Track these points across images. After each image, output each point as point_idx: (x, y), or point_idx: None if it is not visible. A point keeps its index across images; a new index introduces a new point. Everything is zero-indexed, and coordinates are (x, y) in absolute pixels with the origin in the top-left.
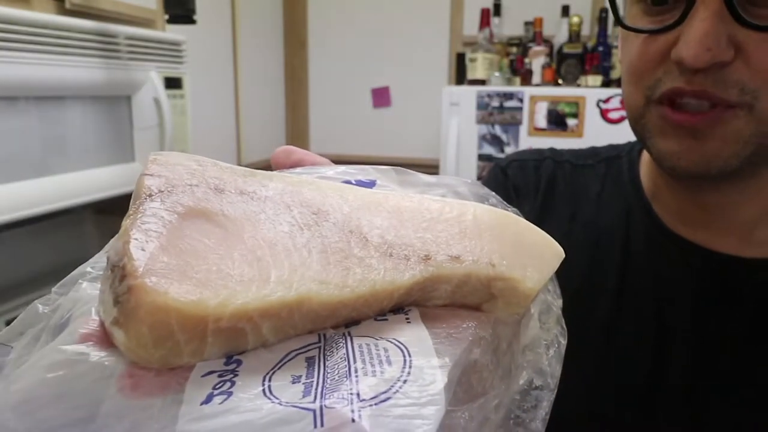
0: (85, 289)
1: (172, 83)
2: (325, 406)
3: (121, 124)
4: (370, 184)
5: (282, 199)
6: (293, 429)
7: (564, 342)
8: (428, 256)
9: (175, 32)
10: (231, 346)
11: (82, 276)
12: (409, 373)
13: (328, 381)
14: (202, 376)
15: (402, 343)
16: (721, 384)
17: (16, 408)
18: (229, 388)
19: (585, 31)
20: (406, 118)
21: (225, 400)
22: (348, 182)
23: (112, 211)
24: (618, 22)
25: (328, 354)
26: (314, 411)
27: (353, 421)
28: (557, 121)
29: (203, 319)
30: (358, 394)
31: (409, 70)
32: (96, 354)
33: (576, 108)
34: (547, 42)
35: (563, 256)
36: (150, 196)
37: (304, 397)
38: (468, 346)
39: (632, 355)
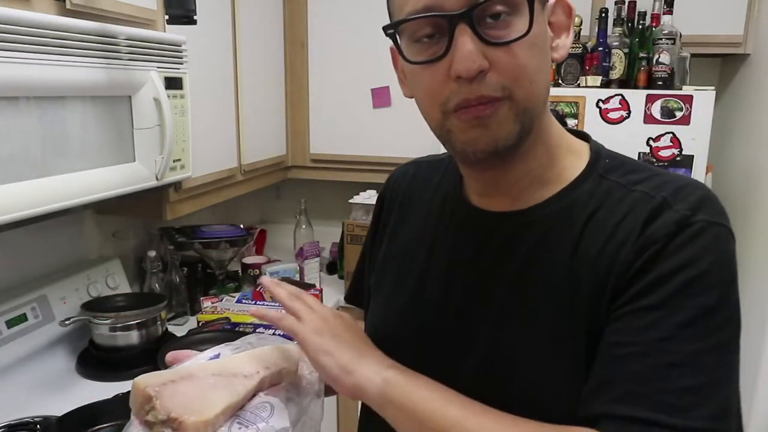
0: None
1: (172, 83)
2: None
3: (121, 124)
4: (218, 356)
5: (201, 373)
6: None
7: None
8: (258, 372)
9: (175, 32)
10: (213, 428)
11: None
12: (272, 413)
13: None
14: None
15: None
16: (486, 309)
17: None
18: None
19: (585, 31)
20: (406, 118)
21: None
22: (216, 356)
23: (112, 211)
24: (405, 59)
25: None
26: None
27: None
28: (557, 120)
29: (206, 422)
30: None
31: None
32: None
33: (576, 108)
34: None
35: (298, 352)
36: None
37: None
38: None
39: (432, 293)
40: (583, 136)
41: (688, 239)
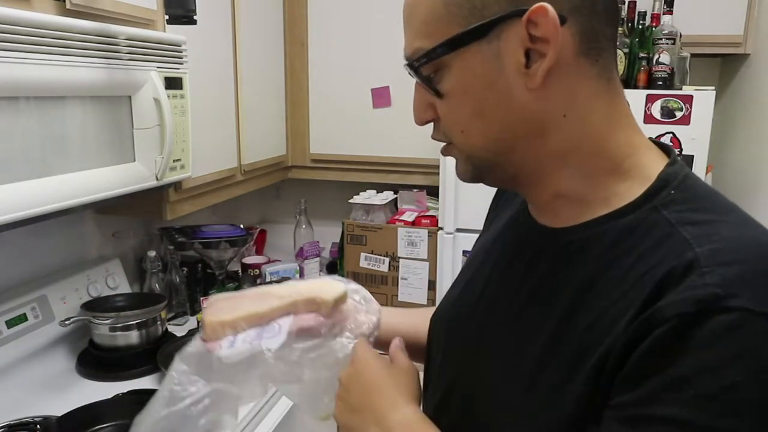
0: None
1: (172, 83)
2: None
3: (121, 124)
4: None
5: (251, 294)
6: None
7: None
8: (291, 296)
9: (175, 32)
10: (234, 331)
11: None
12: (277, 333)
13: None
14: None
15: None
16: (499, 319)
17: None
18: (233, 342)
19: None
20: (406, 118)
21: (233, 343)
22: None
23: (112, 211)
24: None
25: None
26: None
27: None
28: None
29: (221, 323)
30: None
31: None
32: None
33: None
34: None
35: (344, 289)
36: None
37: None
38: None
39: (474, 291)
40: (667, 152)
41: (715, 333)
